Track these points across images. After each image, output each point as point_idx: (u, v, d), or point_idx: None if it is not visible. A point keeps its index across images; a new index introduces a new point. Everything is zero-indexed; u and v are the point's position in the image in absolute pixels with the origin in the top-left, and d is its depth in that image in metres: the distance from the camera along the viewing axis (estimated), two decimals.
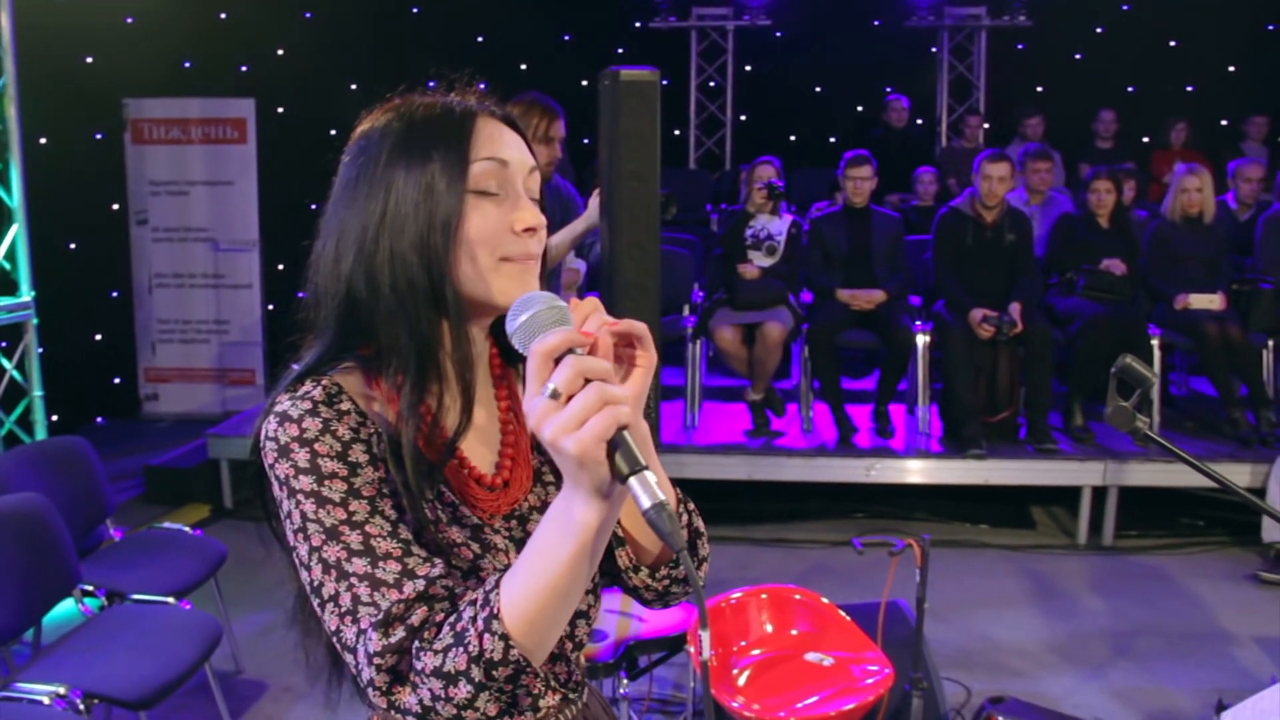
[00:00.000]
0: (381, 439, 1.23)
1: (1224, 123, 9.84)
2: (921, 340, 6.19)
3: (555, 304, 1.13)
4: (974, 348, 5.92)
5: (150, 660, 3.19)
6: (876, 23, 10.05)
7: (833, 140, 9.85)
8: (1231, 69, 10.02)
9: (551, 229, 4.37)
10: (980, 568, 5.37)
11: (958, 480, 5.81)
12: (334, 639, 1.17)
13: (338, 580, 1.16)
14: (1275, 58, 9.63)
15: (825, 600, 3.36)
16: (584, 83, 8.86)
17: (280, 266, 8.12)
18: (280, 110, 8.34)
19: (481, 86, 1.38)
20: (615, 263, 3.77)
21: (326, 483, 1.18)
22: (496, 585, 1.11)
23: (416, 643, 1.12)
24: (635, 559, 1.37)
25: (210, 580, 4.06)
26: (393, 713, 1.16)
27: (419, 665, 1.11)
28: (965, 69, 10.19)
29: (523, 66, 9.04)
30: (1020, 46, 10.11)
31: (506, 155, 1.28)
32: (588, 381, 1.04)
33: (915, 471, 5.86)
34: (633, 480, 1.03)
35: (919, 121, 10.02)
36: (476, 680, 1.09)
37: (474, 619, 1.10)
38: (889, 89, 9.61)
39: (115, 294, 7.88)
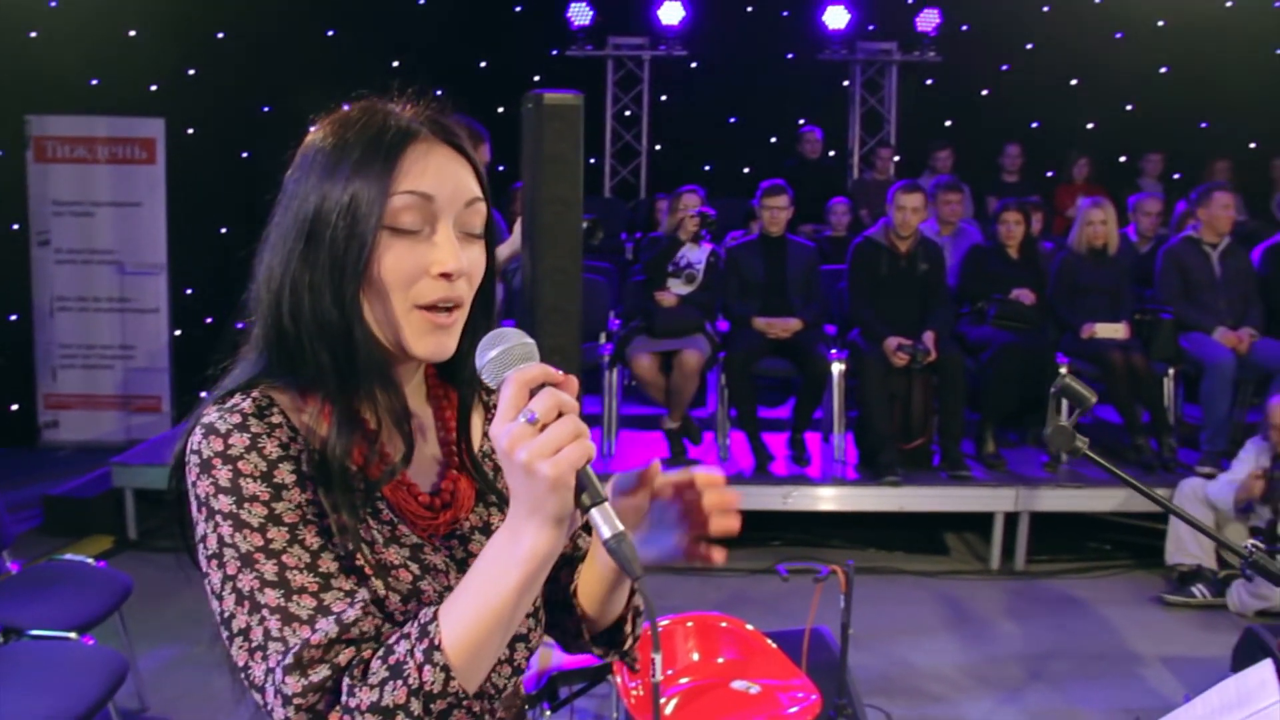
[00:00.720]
0: (311, 456, 1.17)
1: (1122, 159, 10.17)
2: (837, 368, 6.26)
3: (526, 340, 1.13)
4: (889, 376, 6.01)
5: (51, 698, 3.06)
6: (790, 55, 10.20)
7: (747, 170, 9.96)
8: (1129, 108, 10.37)
9: None
10: (897, 594, 5.42)
11: (874, 507, 5.88)
12: (241, 675, 1.11)
13: (249, 613, 1.09)
14: (1170, 98, 9.99)
15: (750, 628, 3.36)
16: (500, 109, 8.85)
17: (189, 291, 7.94)
18: (191, 131, 8.17)
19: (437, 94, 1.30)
20: (537, 287, 3.76)
21: (246, 505, 1.11)
22: (434, 616, 1.08)
23: (346, 680, 1.07)
24: (579, 626, 1.39)
25: (114, 614, 3.92)
26: None
27: (352, 703, 1.06)
28: (877, 102, 10.39)
29: (438, 92, 8.97)
30: (929, 82, 10.34)
31: (432, 188, 1.19)
32: (560, 414, 1.05)
33: (831, 499, 5.91)
34: (595, 511, 1.06)
35: (831, 153, 10.20)
36: (415, 714, 1.05)
37: (410, 651, 1.06)
38: (802, 120, 9.77)
39: (14, 317, 7.63)
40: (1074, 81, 10.20)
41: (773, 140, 10.36)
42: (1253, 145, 10.04)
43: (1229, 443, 6.03)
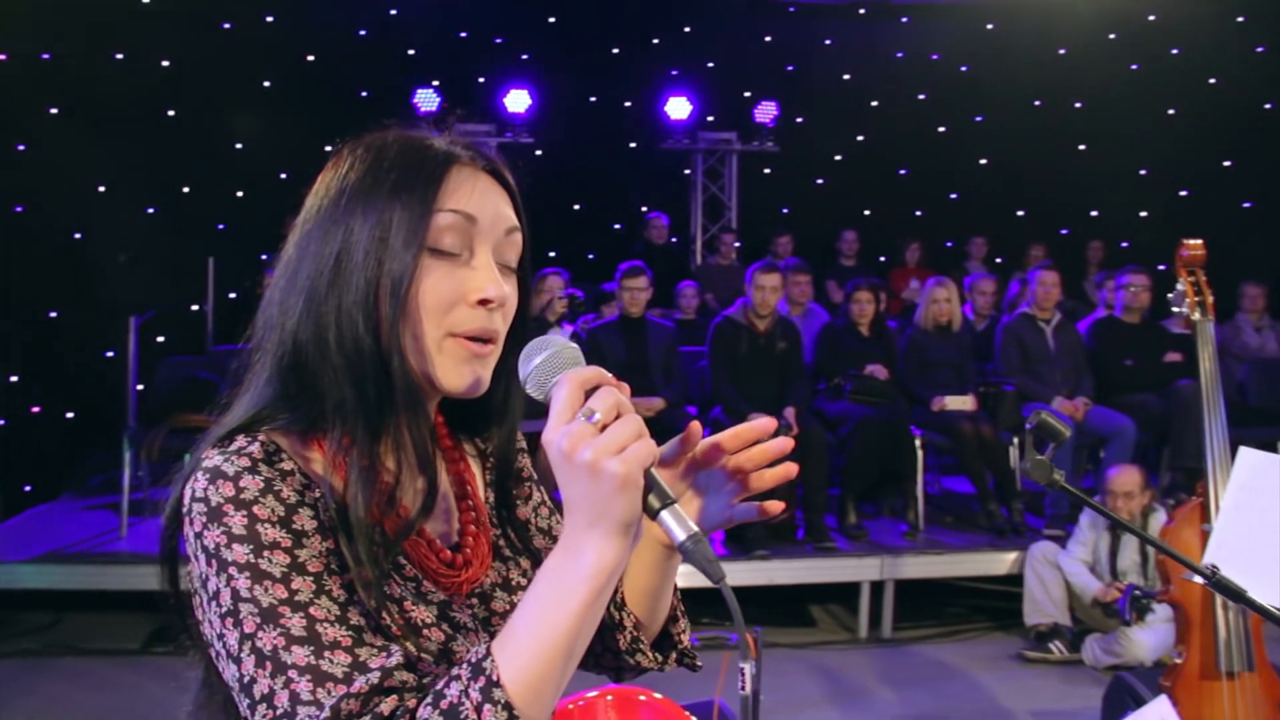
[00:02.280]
0: (328, 505, 1.07)
1: (949, 244, 10.70)
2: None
3: (571, 344, 1.08)
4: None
5: None
6: (633, 144, 10.43)
7: (592, 257, 10.08)
8: (953, 196, 10.96)
9: None
10: (772, 667, 5.43)
11: (745, 581, 5.90)
12: None
13: (273, 675, 0.97)
14: (991, 187, 10.62)
15: (659, 697, 3.31)
16: None
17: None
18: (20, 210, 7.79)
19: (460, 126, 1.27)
20: None
21: (266, 554, 1.01)
22: (488, 652, 0.98)
23: None
24: (635, 635, 1.33)
25: None
26: None
27: None
28: (718, 190, 10.68)
29: (282, 175, 8.85)
30: (768, 170, 10.72)
31: (476, 210, 1.13)
32: (619, 415, 0.99)
33: (689, 572, 5.90)
34: (665, 513, 1.00)
35: (674, 239, 10.42)
36: None
37: (465, 692, 0.96)
38: (645, 207, 9.98)
39: None
40: (902, 171, 10.72)
41: (616, 227, 10.53)
42: (1064, 231, 10.73)
43: (1069, 506, 6.33)
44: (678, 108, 9.99)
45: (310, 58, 9.53)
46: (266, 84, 9.31)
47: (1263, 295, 8.29)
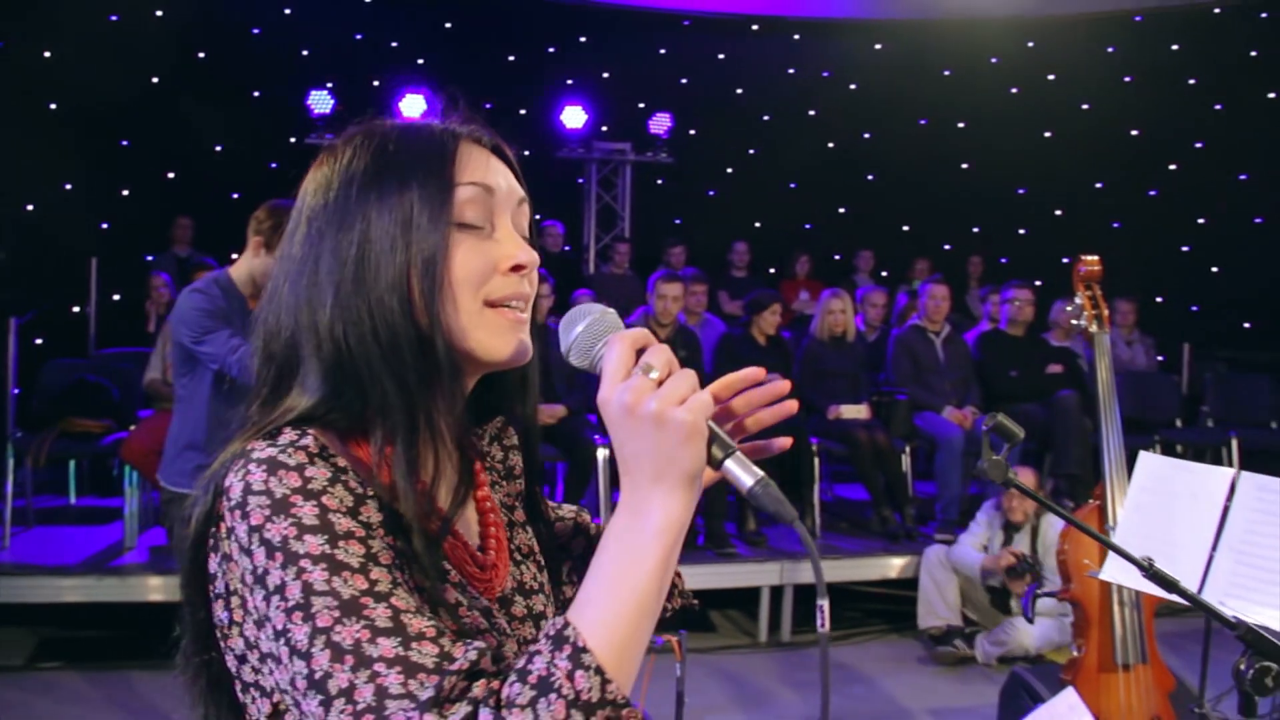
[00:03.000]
0: (382, 505, 1.03)
1: (837, 257, 10.96)
2: (602, 454, 6.36)
3: (609, 310, 1.09)
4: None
5: None
6: (528, 153, 10.39)
7: None
8: (842, 210, 11.24)
9: None
10: (675, 672, 5.49)
11: None
12: None
13: (355, 669, 0.92)
14: (877, 202, 10.92)
15: None
16: (235, 195, 8.58)
17: None
18: None
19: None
20: None
21: (342, 544, 0.96)
22: (567, 622, 0.95)
23: (485, 712, 0.91)
24: None
25: None
26: None
27: None
28: (611, 199, 10.76)
29: (170, 175, 8.64)
30: (661, 181, 10.84)
31: (493, 181, 1.13)
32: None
33: None
34: (729, 462, 1.00)
35: (567, 248, 10.45)
36: None
37: (551, 662, 0.92)
38: (539, 216, 9.97)
39: None
40: (792, 185, 10.95)
41: None
42: (947, 247, 11.09)
43: (959, 512, 6.56)
44: (573, 117, 10.03)
45: (201, 55, 9.32)
46: (155, 80, 9.06)
47: (1133, 310, 8.69)
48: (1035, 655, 5.47)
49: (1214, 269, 10.31)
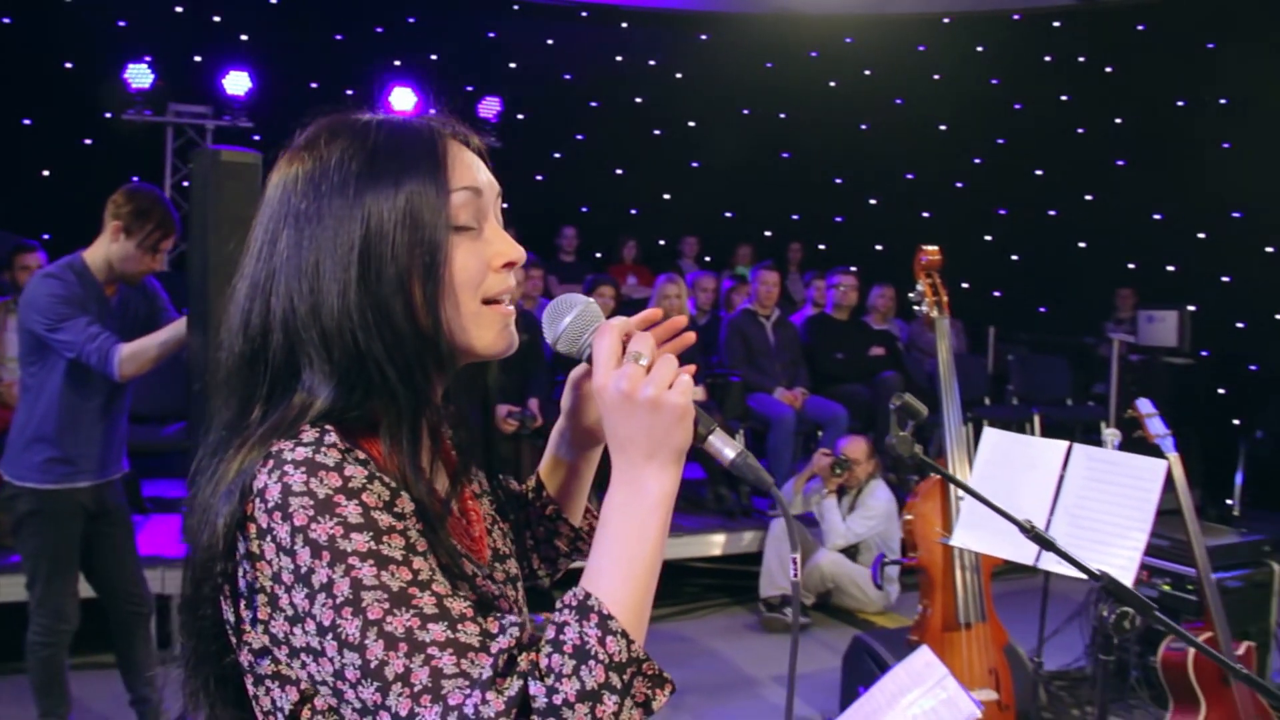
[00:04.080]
0: (412, 495, 1.09)
1: (662, 242, 11.19)
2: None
3: (592, 301, 1.18)
4: (500, 442, 6.23)
5: None
6: None
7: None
8: (667, 197, 11.47)
9: (139, 327, 4.06)
10: None
11: None
12: None
13: (409, 655, 0.97)
14: (702, 189, 11.19)
15: None
16: (45, 173, 8.18)
17: None
18: None
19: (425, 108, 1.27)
20: (210, 354, 3.58)
21: (386, 538, 1.01)
22: (587, 593, 1.03)
23: (535, 683, 0.98)
24: (574, 534, 1.44)
25: None
26: None
27: (558, 699, 0.97)
28: None
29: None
30: (489, 166, 10.80)
31: (482, 183, 1.18)
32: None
33: None
34: (712, 437, 1.11)
35: None
36: (617, 687, 0.99)
37: (582, 632, 1.00)
38: None
39: None
40: (619, 171, 11.11)
41: None
42: (768, 233, 11.47)
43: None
44: (402, 99, 9.91)
45: (7, 20, 8.79)
46: None
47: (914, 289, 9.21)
48: (831, 588, 5.98)
49: (1014, 257, 10.99)
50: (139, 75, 8.80)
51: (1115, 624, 1.90)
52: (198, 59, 9.34)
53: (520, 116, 10.68)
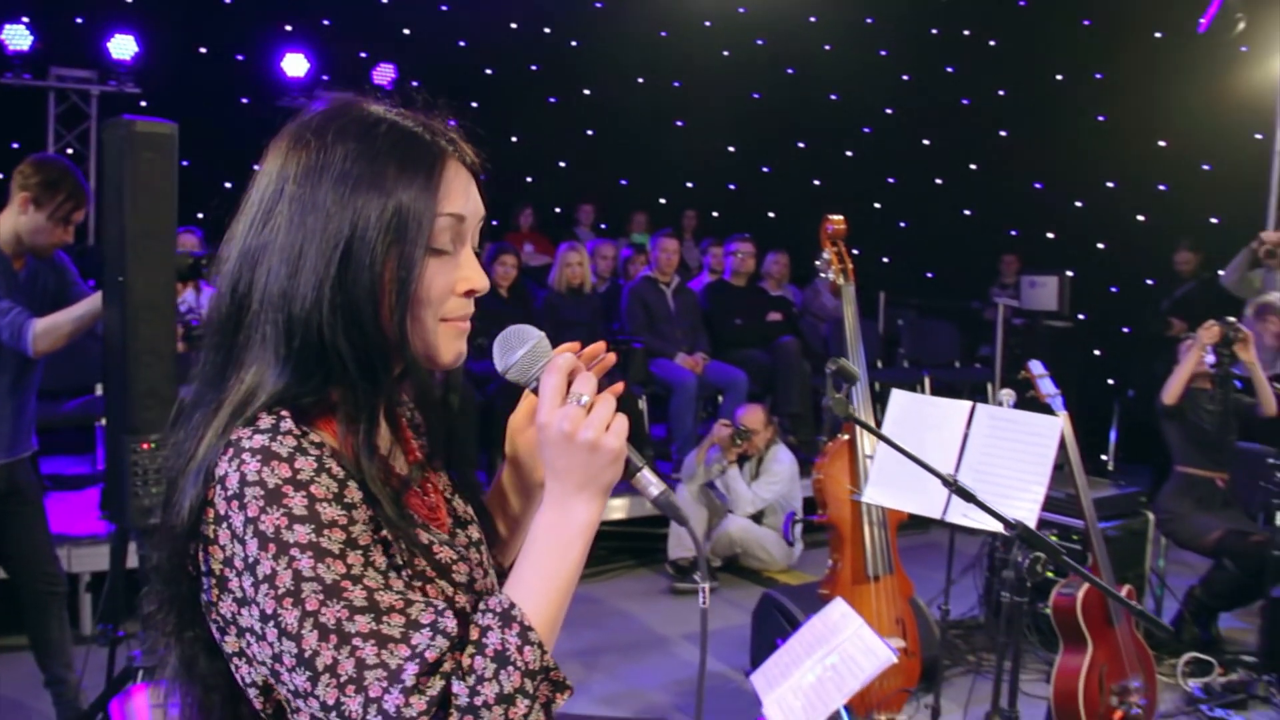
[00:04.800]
0: (360, 483, 1.15)
1: (558, 210, 11.22)
2: None
3: (542, 335, 1.25)
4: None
5: None
6: (246, 100, 10.05)
7: (200, 215, 9.62)
8: (563, 164, 11.49)
9: (49, 301, 4.01)
10: None
11: None
12: (324, 715, 1.05)
13: (337, 646, 1.04)
14: (598, 157, 11.25)
15: None
16: None
17: None
18: None
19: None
20: (129, 327, 3.55)
21: (326, 532, 1.07)
22: (511, 602, 1.12)
23: (458, 683, 1.07)
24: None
25: None
26: None
27: (478, 700, 1.06)
28: None
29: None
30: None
31: (467, 210, 1.23)
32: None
33: None
34: (641, 475, 1.21)
35: None
36: (530, 692, 1.09)
37: (504, 639, 1.09)
38: (257, 166, 9.66)
39: None
40: (515, 139, 11.09)
41: (228, 185, 10.08)
42: (663, 201, 11.58)
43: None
44: (294, 65, 9.74)
45: None
46: None
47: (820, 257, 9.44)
48: (739, 552, 6.18)
49: (902, 224, 11.30)
50: (16, 37, 8.46)
51: (1030, 569, 2.05)
52: (80, 20, 9.02)
53: (414, 84, 10.49)
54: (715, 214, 11.50)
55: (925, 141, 11.26)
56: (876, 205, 11.35)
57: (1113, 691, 3.90)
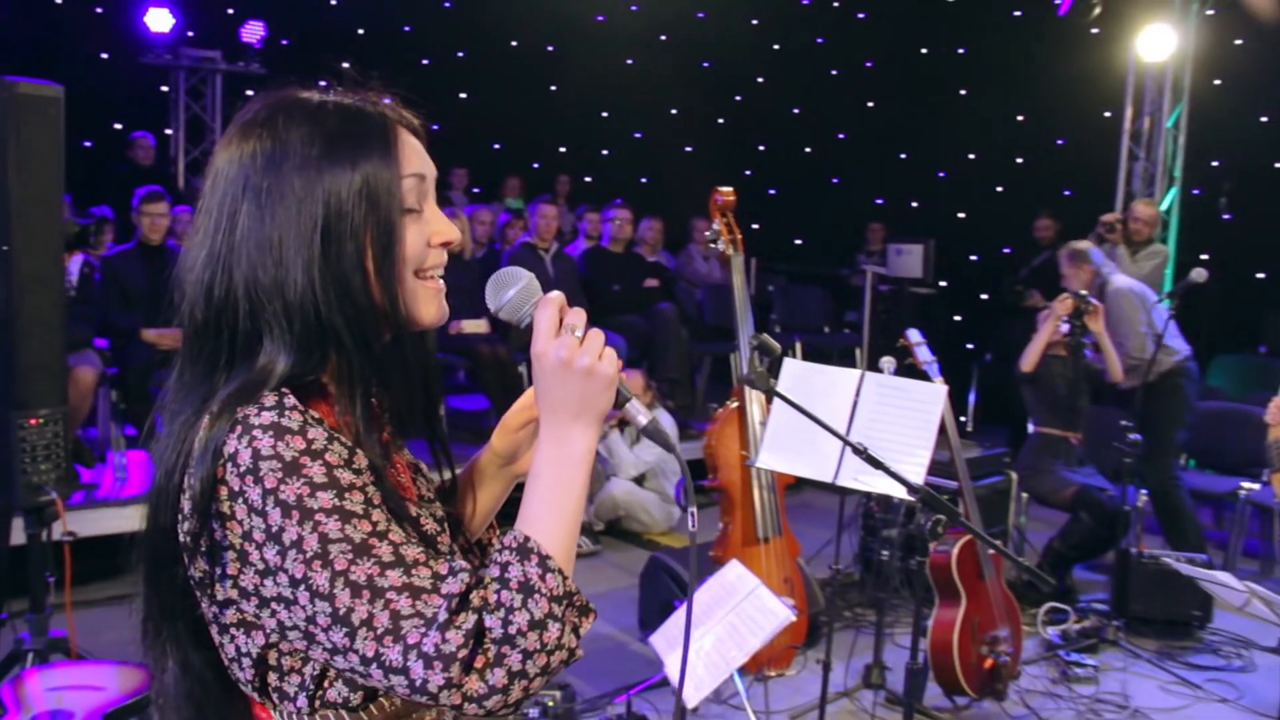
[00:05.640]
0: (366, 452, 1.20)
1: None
2: None
3: (534, 277, 1.31)
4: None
5: None
6: (106, 55, 9.68)
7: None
8: (436, 128, 11.30)
9: None
10: None
11: None
12: (364, 668, 1.10)
13: (371, 600, 1.09)
14: (471, 120, 11.15)
15: None
16: None
17: None
18: None
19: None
20: (14, 299, 3.46)
21: (348, 495, 1.12)
22: (525, 535, 1.16)
23: (489, 617, 1.11)
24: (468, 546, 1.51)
25: None
26: (459, 712, 1.13)
27: (511, 629, 1.10)
28: (201, 110, 10.20)
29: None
30: (253, 92, 10.39)
31: (425, 170, 1.28)
32: None
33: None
34: (630, 404, 1.27)
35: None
36: (559, 616, 1.13)
37: (525, 570, 1.13)
38: (119, 125, 9.37)
39: None
40: (386, 100, 10.91)
41: (86, 144, 9.73)
42: (536, 165, 11.58)
43: None
44: (158, 20, 9.37)
45: None
46: None
47: (709, 228, 9.59)
48: (622, 515, 6.35)
49: (772, 191, 11.54)
50: None
51: (931, 530, 2.21)
52: None
53: (285, 42, 10.32)
54: (588, 179, 11.54)
55: (795, 110, 11.49)
56: (747, 172, 11.54)
57: (984, 641, 4.16)
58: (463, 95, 11.31)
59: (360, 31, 10.72)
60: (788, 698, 4.27)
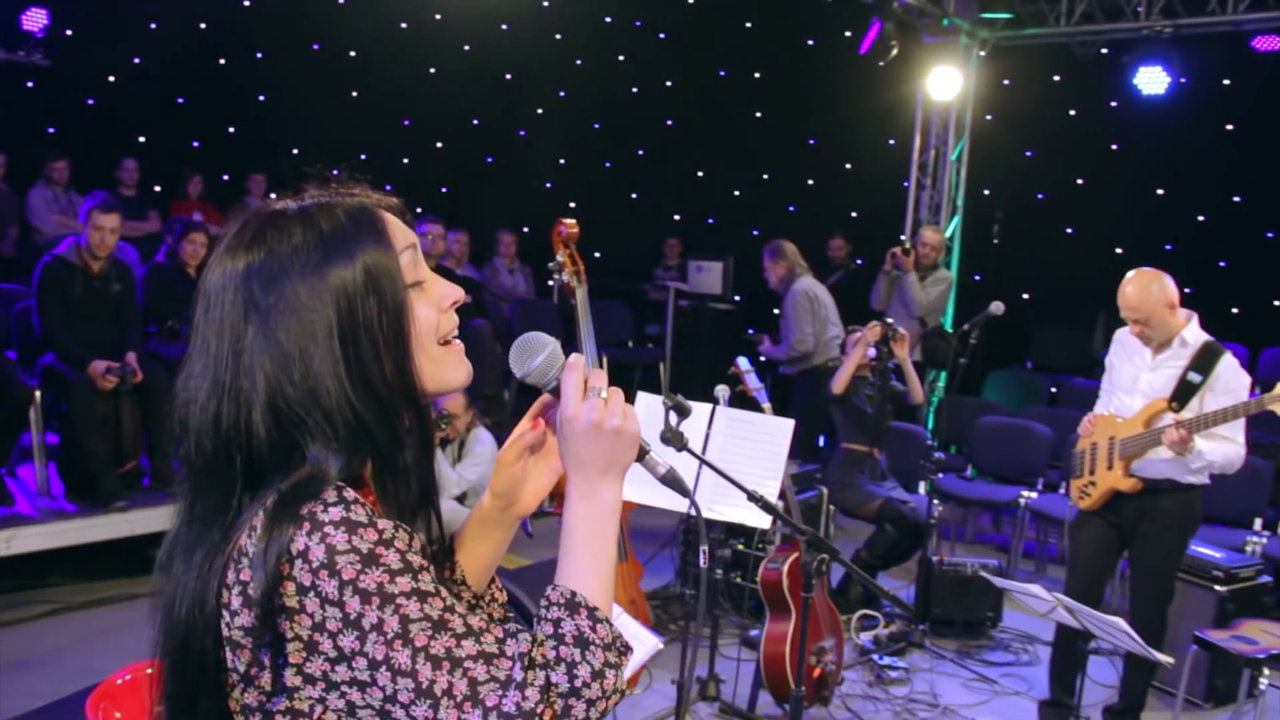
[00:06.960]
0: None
1: (226, 178, 10.77)
2: (36, 396, 5.94)
3: (558, 344, 1.40)
4: (98, 401, 5.92)
5: None
6: None
7: None
8: (231, 130, 11.02)
9: None
10: (142, 619, 5.41)
11: (104, 536, 5.69)
12: None
13: (451, 671, 1.15)
14: (269, 123, 10.86)
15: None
16: None
17: None
18: None
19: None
20: None
21: (420, 576, 1.18)
22: (572, 590, 1.24)
23: (556, 673, 1.19)
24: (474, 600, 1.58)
25: None
26: None
27: (578, 682, 1.19)
28: None
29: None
30: (31, 85, 9.84)
31: (412, 238, 1.33)
32: None
33: (56, 535, 5.59)
34: (650, 455, 1.40)
35: None
36: (614, 663, 1.22)
37: (577, 624, 1.22)
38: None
39: None
40: (180, 100, 10.53)
41: None
42: (335, 172, 11.30)
43: None
44: None
45: None
46: None
47: (514, 241, 9.69)
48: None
49: (572, 204, 11.72)
50: None
51: (815, 569, 2.42)
52: None
53: (69, 32, 9.79)
54: (389, 187, 11.32)
55: (596, 125, 11.71)
56: (548, 185, 11.70)
57: (812, 652, 4.46)
58: (260, 97, 11.00)
59: (153, 26, 10.28)
60: (629, 715, 4.45)
